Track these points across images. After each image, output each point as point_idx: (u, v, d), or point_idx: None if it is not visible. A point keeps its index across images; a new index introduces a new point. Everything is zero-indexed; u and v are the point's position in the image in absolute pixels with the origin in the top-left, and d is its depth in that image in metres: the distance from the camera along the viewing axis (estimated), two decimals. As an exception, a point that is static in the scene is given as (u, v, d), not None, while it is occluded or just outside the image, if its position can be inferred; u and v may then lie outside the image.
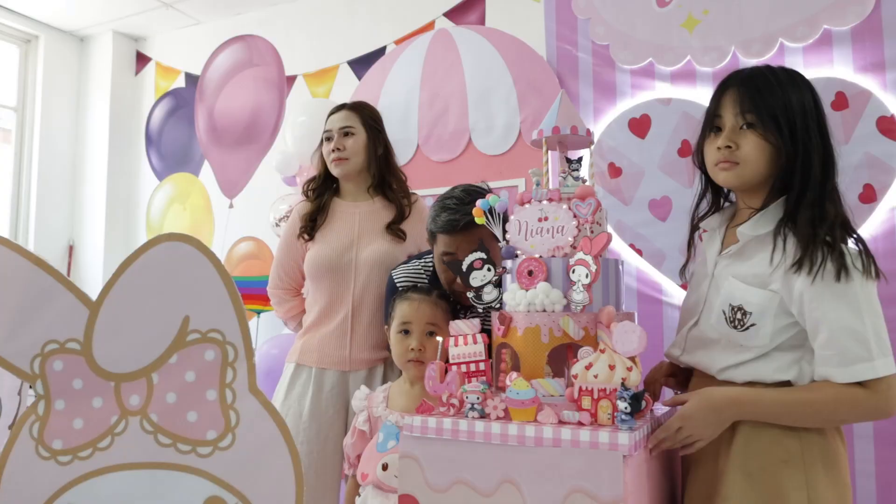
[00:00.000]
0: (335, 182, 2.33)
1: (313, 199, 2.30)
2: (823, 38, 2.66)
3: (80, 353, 1.36)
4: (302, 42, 4.14)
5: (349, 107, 2.33)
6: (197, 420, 1.35)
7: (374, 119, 2.33)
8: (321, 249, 2.20)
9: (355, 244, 2.20)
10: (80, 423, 1.36)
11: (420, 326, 1.79)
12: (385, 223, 2.24)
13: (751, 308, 1.38)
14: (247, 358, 1.37)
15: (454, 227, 1.80)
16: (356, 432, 1.81)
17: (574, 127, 1.56)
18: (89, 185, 4.68)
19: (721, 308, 1.44)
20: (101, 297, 1.37)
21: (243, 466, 1.34)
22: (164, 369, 1.36)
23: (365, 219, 2.25)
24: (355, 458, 1.80)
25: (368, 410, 1.82)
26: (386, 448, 1.61)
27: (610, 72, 3.07)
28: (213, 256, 1.38)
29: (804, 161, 1.39)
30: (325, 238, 2.22)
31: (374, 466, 1.65)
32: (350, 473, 1.83)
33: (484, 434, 1.32)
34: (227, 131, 4.22)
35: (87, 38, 4.79)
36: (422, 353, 1.77)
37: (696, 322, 1.52)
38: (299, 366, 2.20)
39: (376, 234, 2.22)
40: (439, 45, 3.52)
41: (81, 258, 4.66)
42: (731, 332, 1.41)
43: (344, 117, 2.28)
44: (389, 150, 2.34)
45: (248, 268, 3.72)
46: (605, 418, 1.29)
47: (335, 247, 2.19)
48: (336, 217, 2.26)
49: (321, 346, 2.16)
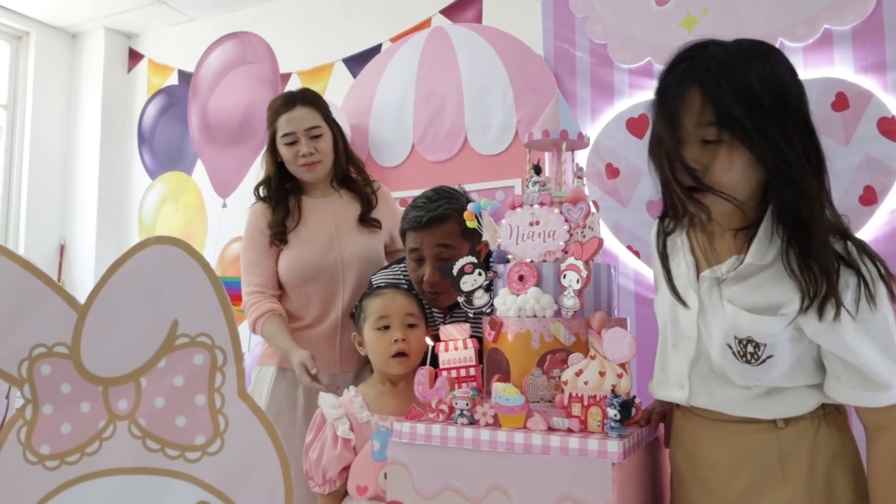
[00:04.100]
0: (290, 181, 2.24)
1: (274, 205, 2.19)
2: (824, 38, 2.68)
3: (67, 357, 1.37)
4: (296, 39, 4.15)
5: (305, 101, 2.19)
6: (185, 425, 1.36)
7: (328, 108, 2.24)
8: (302, 251, 2.14)
9: (335, 242, 2.16)
10: (67, 427, 1.37)
11: (399, 318, 1.77)
12: (356, 216, 2.21)
13: (763, 339, 1.23)
14: (236, 362, 1.38)
15: (418, 223, 1.83)
16: (339, 443, 1.69)
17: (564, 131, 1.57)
18: (81, 184, 4.69)
19: (725, 342, 1.27)
20: (89, 300, 1.38)
21: (232, 472, 1.35)
22: (153, 374, 1.37)
23: (337, 215, 2.21)
24: (339, 471, 1.70)
25: (349, 417, 1.72)
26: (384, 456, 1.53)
27: (608, 71, 3.08)
28: (201, 259, 1.39)
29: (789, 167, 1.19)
30: (302, 240, 2.16)
31: (373, 477, 1.62)
32: (323, 492, 1.72)
33: (473, 441, 1.33)
34: (220, 129, 4.24)
35: (78, 35, 4.80)
36: (406, 343, 1.74)
37: (695, 358, 1.34)
38: (283, 369, 2.14)
39: (352, 229, 2.20)
40: (435, 43, 3.53)
41: (73, 258, 4.67)
42: (745, 367, 1.25)
43: (307, 116, 2.16)
44: (346, 139, 2.28)
45: (242, 268, 3.72)
46: (594, 425, 1.30)
47: (317, 247, 2.15)
48: (308, 217, 2.20)
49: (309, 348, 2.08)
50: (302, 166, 2.16)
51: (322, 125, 2.18)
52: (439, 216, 1.81)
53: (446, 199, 1.84)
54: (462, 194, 1.91)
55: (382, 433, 1.57)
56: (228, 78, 4.26)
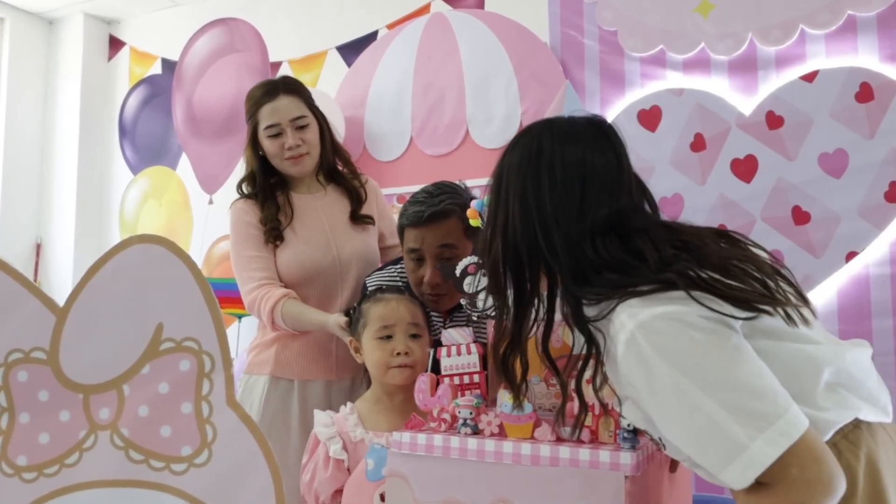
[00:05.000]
0: (274, 176, 2.20)
1: (262, 201, 2.14)
2: (847, 25, 2.68)
3: (45, 363, 1.37)
4: (287, 26, 4.14)
5: (288, 89, 2.14)
6: (171, 435, 1.36)
7: (311, 97, 2.20)
8: (301, 249, 2.12)
9: (332, 241, 2.14)
10: (46, 437, 1.37)
11: (403, 327, 1.74)
12: (347, 212, 2.19)
13: (636, 424, 1.18)
14: (224, 368, 1.38)
15: (419, 219, 1.81)
16: (331, 464, 1.66)
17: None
18: (58, 178, 4.69)
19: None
20: (68, 303, 1.38)
21: (220, 485, 1.35)
22: (136, 380, 1.37)
23: (328, 212, 2.19)
24: (332, 494, 1.66)
25: (342, 436, 1.68)
26: (379, 476, 1.52)
27: (618, 60, 3.08)
28: (188, 259, 1.39)
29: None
30: (298, 236, 2.13)
31: (368, 498, 1.58)
32: None
33: (477, 452, 1.33)
34: (206, 122, 4.24)
35: (56, 21, 4.80)
36: (409, 356, 1.72)
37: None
38: (275, 378, 2.11)
39: (345, 227, 2.18)
40: (435, 30, 3.53)
41: (50, 257, 4.66)
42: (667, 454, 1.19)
43: (291, 106, 2.11)
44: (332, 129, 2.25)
45: (230, 268, 3.72)
46: (606, 436, 1.30)
47: (315, 245, 2.13)
48: (299, 214, 2.17)
49: (304, 356, 2.11)
50: (288, 159, 2.12)
51: (308, 114, 2.13)
52: (441, 211, 1.80)
53: (448, 194, 1.84)
54: (465, 190, 1.91)
55: (377, 451, 1.55)
56: (215, 67, 4.25)
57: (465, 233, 1.80)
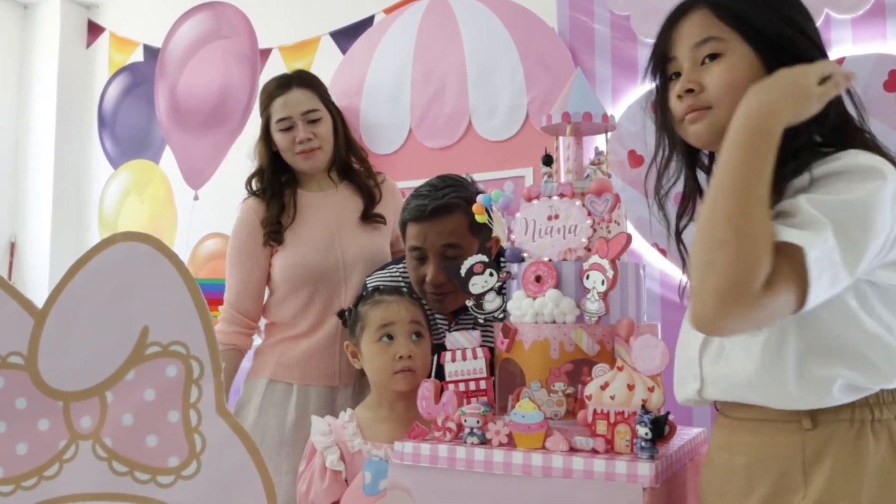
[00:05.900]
0: (285, 173, 2.27)
1: (269, 199, 2.21)
2: (875, 9, 2.67)
3: (23, 369, 1.37)
4: (278, 10, 4.13)
5: (301, 82, 2.23)
6: (157, 445, 1.37)
7: (326, 91, 2.28)
8: (301, 251, 2.17)
9: (337, 241, 2.18)
10: (23, 448, 1.37)
11: (405, 328, 1.75)
12: (359, 211, 2.23)
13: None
14: (214, 374, 1.38)
15: (421, 213, 1.82)
16: (328, 475, 1.67)
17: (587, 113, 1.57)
18: (33, 173, 4.68)
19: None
20: (47, 304, 1.38)
21: (210, 497, 1.36)
22: (120, 387, 1.37)
23: (338, 210, 2.23)
24: None
25: (340, 445, 1.70)
26: (377, 490, 1.53)
27: (631, 46, 3.07)
28: (175, 258, 1.39)
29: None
30: (299, 237, 2.19)
31: None
32: None
33: (484, 463, 1.33)
34: (191, 112, 4.23)
35: (31, 6, 4.79)
36: (412, 360, 1.73)
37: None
38: (273, 382, 2.16)
39: (355, 226, 2.22)
40: (435, 14, 3.52)
41: (24, 257, 4.65)
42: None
43: (303, 99, 2.19)
44: (347, 125, 2.32)
45: (216, 268, 3.72)
46: (622, 445, 1.30)
47: (317, 246, 2.17)
48: (306, 212, 2.22)
49: (305, 360, 2.14)
50: (299, 154, 2.19)
51: (321, 108, 2.21)
52: (445, 205, 1.80)
53: (453, 187, 1.84)
54: (471, 183, 1.91)
55: (375, 463, 1.55)
56: (201, 54, 4.24)
57: (470, 229, 1.79)
